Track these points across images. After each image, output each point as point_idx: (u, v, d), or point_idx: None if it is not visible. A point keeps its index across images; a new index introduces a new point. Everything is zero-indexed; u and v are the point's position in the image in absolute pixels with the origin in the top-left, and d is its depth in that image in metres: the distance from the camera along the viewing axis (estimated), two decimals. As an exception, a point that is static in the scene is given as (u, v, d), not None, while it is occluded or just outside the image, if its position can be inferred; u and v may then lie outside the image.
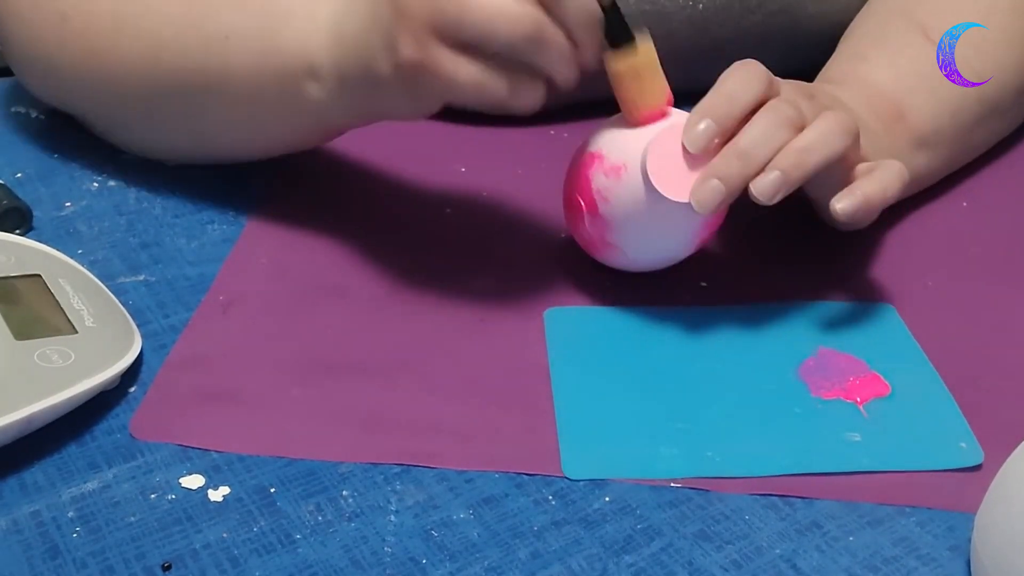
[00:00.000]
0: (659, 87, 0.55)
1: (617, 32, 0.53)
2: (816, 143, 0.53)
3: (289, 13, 0.58)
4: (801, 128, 0.54)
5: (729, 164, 0.53)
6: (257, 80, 0.60)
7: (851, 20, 0.73)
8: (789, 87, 0.58)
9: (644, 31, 0.54)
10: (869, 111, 0.63)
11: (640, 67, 0.54)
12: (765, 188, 0.53)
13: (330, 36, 0.56)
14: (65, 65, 0.65)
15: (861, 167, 0.57)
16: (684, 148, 0.54)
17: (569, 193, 0.59)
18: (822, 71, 0.69)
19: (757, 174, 0.53)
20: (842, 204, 0.55)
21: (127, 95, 0.65)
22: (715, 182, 0.53)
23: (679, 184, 0.54)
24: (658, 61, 0.55)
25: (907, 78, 0.67)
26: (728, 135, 0.54)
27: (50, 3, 0.64)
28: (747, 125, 0.54)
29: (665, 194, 0.54)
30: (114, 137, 0.69)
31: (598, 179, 0.56)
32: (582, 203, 0.58)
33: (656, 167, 0.54)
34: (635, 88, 0.55)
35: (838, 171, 0.56)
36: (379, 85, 0.54)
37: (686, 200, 0.54)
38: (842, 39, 0.72)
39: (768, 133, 0.53)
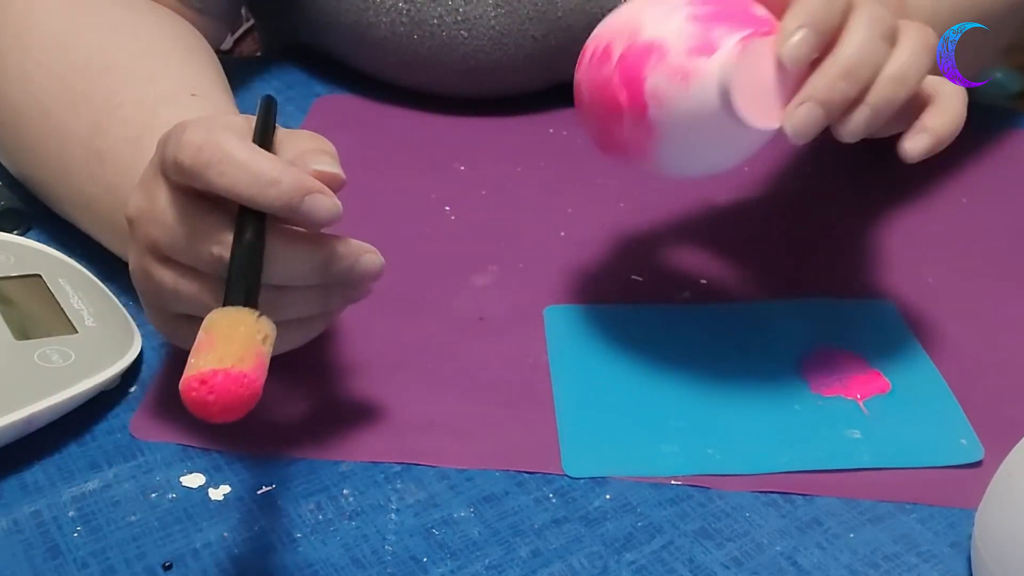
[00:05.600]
0: None
1: None
2: (909, 68, 0.48)
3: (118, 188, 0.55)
4: (893, 38, 0.49)
5: (833, 85, 0.47)
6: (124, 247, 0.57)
7: None
8: None
9: None
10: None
11: None
12: (855, 129, 0.48)
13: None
14: None
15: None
16: (773, 63, 0.47)
17: (599, 82, 0.50)
18: None
19: (861, 96, 0.47)
20: (913, 144, 0.49)
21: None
22: (815, 107, 0.47)
23: (765, 107, 0.47)
24: None
25: None
26: (825, 47, 0.48)
27: None
28: (845, 36, 0.48)
29: (752, 122, 0.47)
30: None
31: (656, 79, 0.47)
32: (624, 101, 0.48)
33: (741, 87, 0.46)
34: None
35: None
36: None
37: (776, 127, 0.48)
38: None
39: (871, 47, 0.47)
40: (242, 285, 0.42)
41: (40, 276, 0.55)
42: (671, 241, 0.65)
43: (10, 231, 0.61)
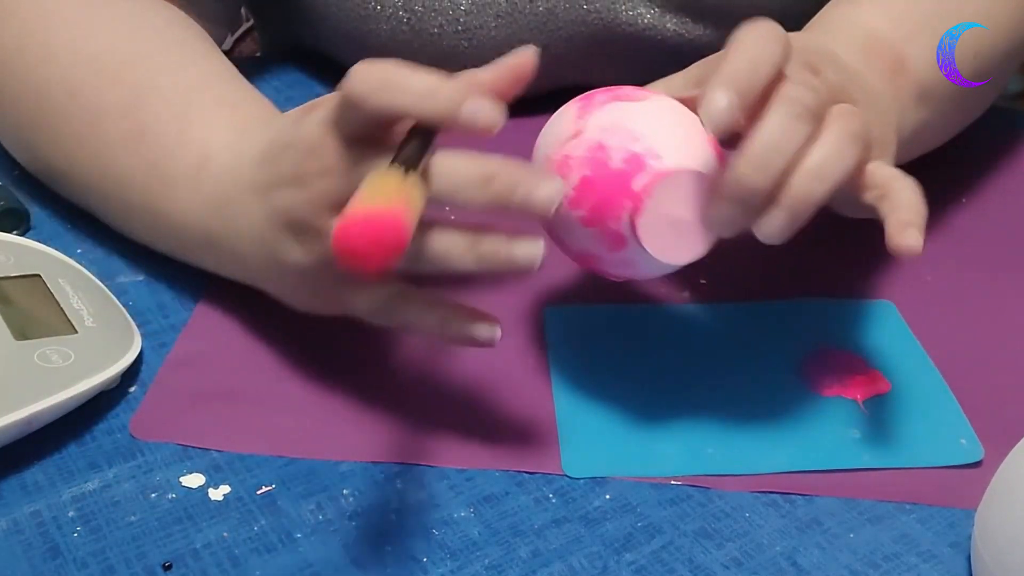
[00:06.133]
0: None
1: None
2: (827, 163, 0.46)
3: (180, 177, 0.55)
4: (819, 116, 0.47)
5: (743, 180, 0.45)
6: (154, 229, 0.58)
7: None
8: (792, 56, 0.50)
9: None
10: (868, 64, 0.57)
11: None
12: (771, 231, 0.46)
13: (223, 225, 0.54)
14: None
15: (871, 168, 0.50)
16: (679, 197, 0.47)
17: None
18: (813, 19, 0.62)
19: (777, 182, 0.45)
20: (909, 242, 0.46)
21: (53, 181, 0.64)
22: (730, 205, 0.46)
23: (694, 234, 0.47)
24: None
25: (905, 23, 0.61)
26: (751, 112, 0.46)
27: None
28: (762, 122, 0.46)
29: (684, 261, 0.48)
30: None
31: (603, 257, 0.50)
32: (582, 262, 0.52)
33: (662, 242, 0.47)
34: None
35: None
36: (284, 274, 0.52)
37: (702, 252, 0.48)
38: None
39: (782, 133, 0.45)
40: (402, 154, 0.44)
41: (40, 276, 0.55)
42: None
43: (10, 231, 0.61)
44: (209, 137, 0.55)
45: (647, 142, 0.47)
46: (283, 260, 0.50)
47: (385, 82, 0.45)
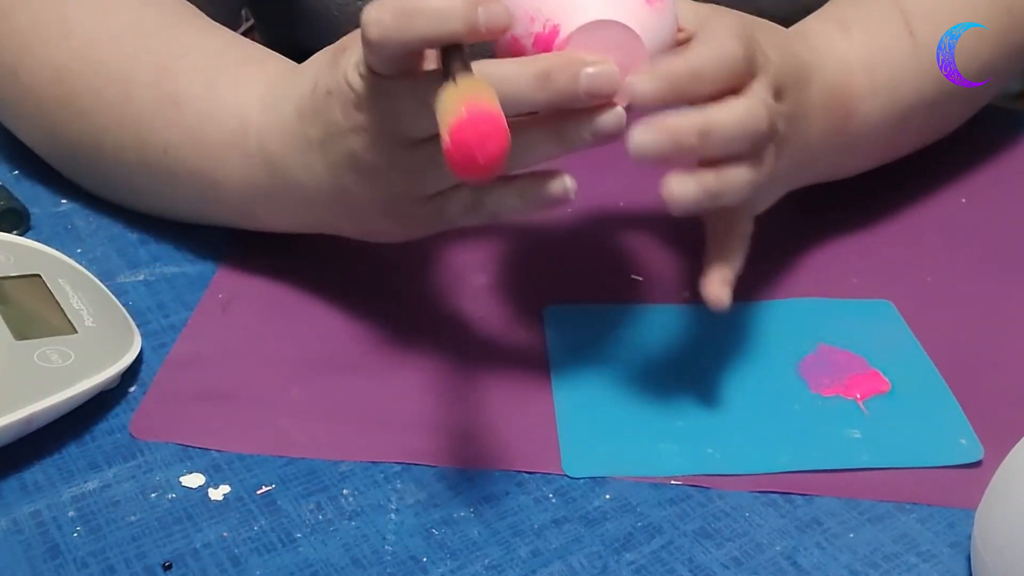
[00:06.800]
0: None
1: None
2: (739, 182, 0.48)
3: (224, 143, 0.56)
4: (767, 141, 0.49)
5: (685, 131, 0.46)
6: (201, 198, 0.59)
7: None
8: (770, 66, 0.51)
9: None
10: (825, 106, 0.57)
11: None
12: (682, 195, 0.46)
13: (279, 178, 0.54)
14: (12, 116, 0.66)
15: None
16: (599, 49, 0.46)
17: None
18: (808, 18, 0.62)
19: (699, 159, 0.47)
20: (718, 295, 0.51)
21: (77, 163, 0.65)
22: (663, 134, 0.45)
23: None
24: None
25: (877, 68, 0.61)
26: (671, 105, 0.46)
27: (1, 54, 0.63)
28: (724, 103, 0.47)
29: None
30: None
31: None
32: None
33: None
34: None
35: None
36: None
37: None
38: None
39: (741, 130, 0.47)
40: (449, 71, 0.43)
41: (40, 276, 0.55)
42: (671, 241, 0.65)
43: (10, 231, 0.61)
44: (242, 98, 0.56)
45: (558, 17, 0.46)
46: (356, 200, 0.51)
47: (398, 17, 0.44)
